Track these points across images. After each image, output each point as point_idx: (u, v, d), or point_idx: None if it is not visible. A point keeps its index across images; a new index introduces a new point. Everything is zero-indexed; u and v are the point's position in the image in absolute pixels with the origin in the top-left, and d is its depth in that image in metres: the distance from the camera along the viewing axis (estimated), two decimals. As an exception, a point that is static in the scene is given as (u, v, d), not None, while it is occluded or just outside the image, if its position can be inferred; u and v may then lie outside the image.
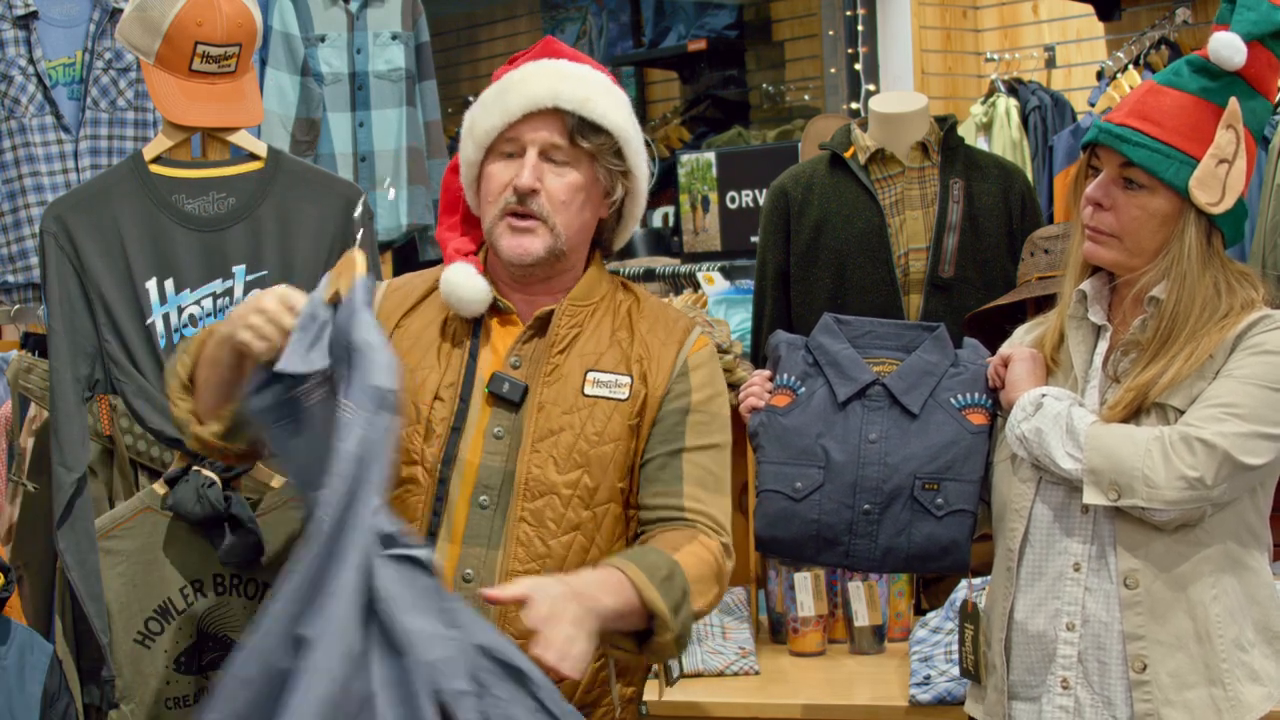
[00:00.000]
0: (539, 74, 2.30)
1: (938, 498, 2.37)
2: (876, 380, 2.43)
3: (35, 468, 3.00)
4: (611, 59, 7.92)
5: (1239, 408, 2.19)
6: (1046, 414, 2.27)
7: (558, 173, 2.28)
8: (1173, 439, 2.18)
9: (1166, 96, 2.27)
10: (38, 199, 3.59)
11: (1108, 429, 2.24)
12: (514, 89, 2.29)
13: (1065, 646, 2.29)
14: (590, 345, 2.31)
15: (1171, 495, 2.18)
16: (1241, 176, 2.27)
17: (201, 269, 2.71)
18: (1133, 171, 2.26)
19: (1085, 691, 2.29)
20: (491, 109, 2.29)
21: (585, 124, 2.27)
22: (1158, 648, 2.24)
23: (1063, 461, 2.24)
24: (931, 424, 2.40)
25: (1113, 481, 2.20)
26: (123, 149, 3.66)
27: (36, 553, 2.96)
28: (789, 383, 2.47)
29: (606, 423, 2.25)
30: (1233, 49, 2.24)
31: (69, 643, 2.75)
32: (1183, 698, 2.23)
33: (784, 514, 2.40)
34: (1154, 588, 2.25)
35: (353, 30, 4.26)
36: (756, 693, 3.02)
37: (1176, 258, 2.26)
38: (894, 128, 3.50)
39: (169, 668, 2.70)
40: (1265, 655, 2.28)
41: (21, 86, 3.62)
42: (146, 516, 2.70)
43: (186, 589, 2.71)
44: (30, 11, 3.63)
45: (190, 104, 2.74)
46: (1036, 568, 2.33)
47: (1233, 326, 2.25)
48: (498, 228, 2.28)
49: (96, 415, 3.11)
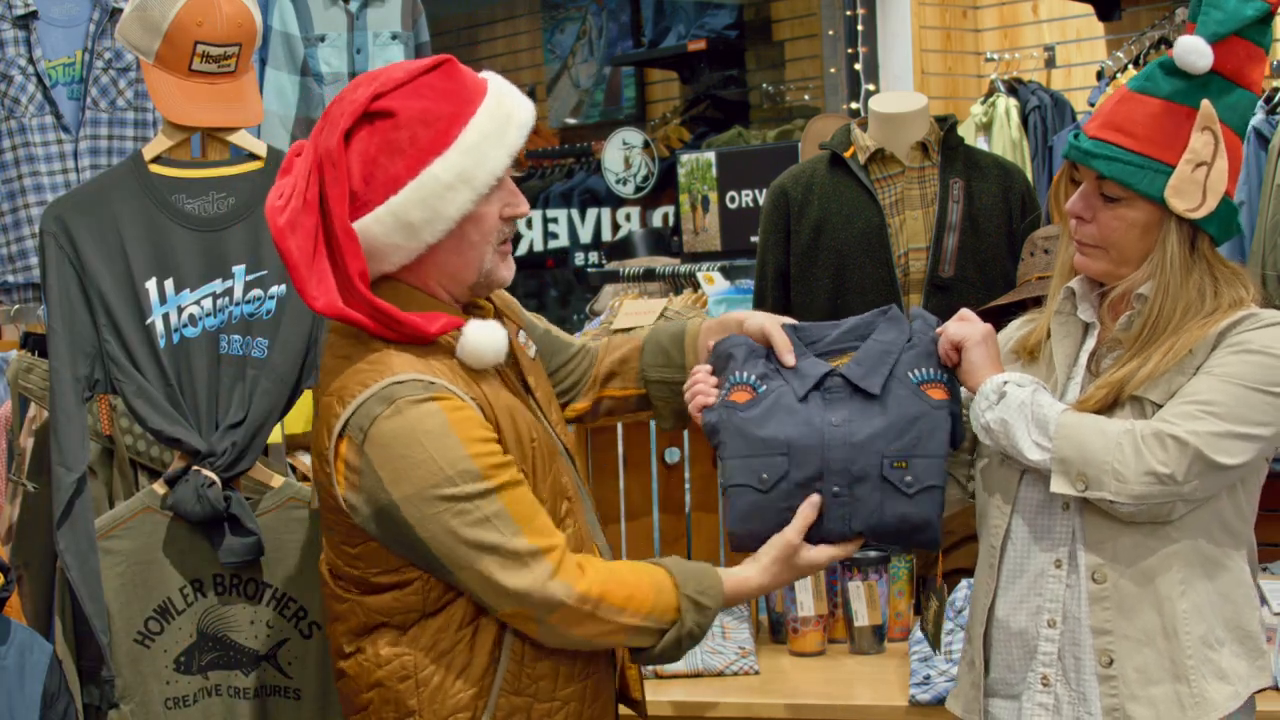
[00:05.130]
0: (512, 97, 2.26)
1: (907, 475, 2.30)
2: (832, 371, 2.37)
3: (35, 468, 3.00)
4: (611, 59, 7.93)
5: (1216, 406, 2.18)
6: (1010, 403, 2.25)
7: None
8: (1145, 433, 2.17)
9: (1139, 104, 2.25)
10: (38, 199, 3.60)
11: (1079, 419, 2.22)
12: (513, 122, 2.23)
13: (1046, 644, 2.30)
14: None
15: (1139, 490, 2.17)
16: (1223, 176, 2.25)
17: (201, 269, 2.71)
18: (1107, 185, 2.25)
19: (1064, 688, 2.29)
20: (496, 150, 2.20)
21: None
22: (1125, 642, 2.24)
23: (1029, 452, 2.23)
24: (892, 400, 2.33)
25: (1081, 472, 2.19)
26: (123, 149, 3.66)
27: (36, 553, 2.96)
28: (747, 380, 2.40)
29: (545, 375, 2.46)
30: (1196, 54, 2.22)
31: (69, 643, 2.75)
32: (1148, 693, 2.23)
33: (754, 507, 2.34)
34: (1121, 583, 2.25)
35: (353, 30, 4.26)
36: (756, 693, 3.02)
37: (1160, 264, 2.25)
38: (894, 128, 3.50)
39: (169, 668, 2.70)
40: (1235, 654, 2.27)
41: (21, 86, 3.62)
42: (146, 516, 2.70)
43: (186, 589, 2.71)
44: (30, 11, 3.63)
45: (190, 104, 2.74)
46: (1018, 565, 2.33)
47: (1216, 323, 2.24)
48: (492, 260, 2.26)
49: (96, 415, 3.11)
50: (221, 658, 2.72)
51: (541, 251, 7.13)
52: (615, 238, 6.88)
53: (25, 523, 3.03)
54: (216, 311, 2.71)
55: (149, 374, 2.66)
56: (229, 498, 2.66)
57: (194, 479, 2.65)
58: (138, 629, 2.69)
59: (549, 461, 2.29)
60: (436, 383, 2.16)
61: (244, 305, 2.72)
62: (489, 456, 2.15)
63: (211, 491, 2.64)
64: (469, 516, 2.13)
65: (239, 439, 2.66)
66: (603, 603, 2.19)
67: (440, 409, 2.14)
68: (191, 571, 2.71)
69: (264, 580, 2.74)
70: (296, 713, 2.75)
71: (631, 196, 6.71)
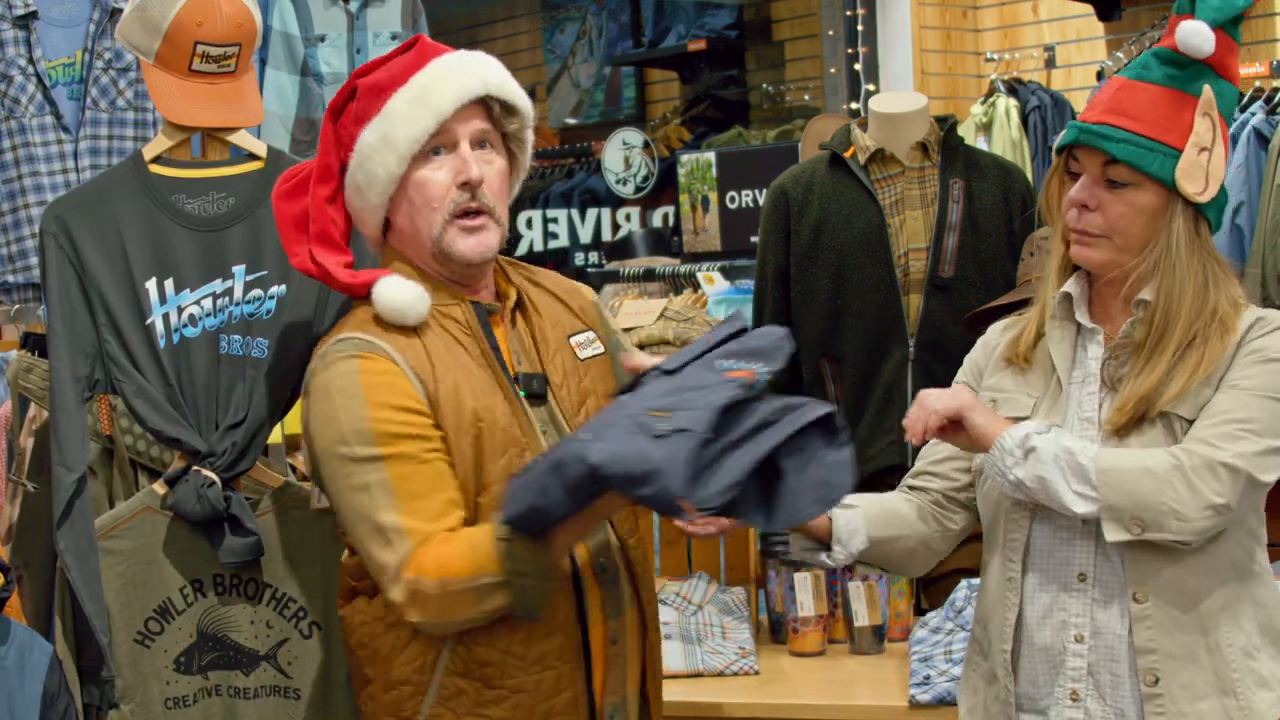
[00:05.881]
0: (460, 65, 2.28)
1: (661, 423, 1.98)
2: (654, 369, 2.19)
3: (35, 468, 3.00)
4: (611, 59, 7.93)
5: (1253, 423, 2.15)
6: (1043, 457, 2.17)
7: (488, 160, 2.30)
8: (1194, 465, 2.12)
9: (1139, 91, 2.24)
10: (38, 199, 3.59)
11: (1117, 459, 2.16)
12: (439, 85, 2.25)
13: (1074, 659, 2.25)
14: (549, 314, 2.39)
15: (1201, 525, 2.13)
16: (1221, 163, 2.24)
17: (201, 269, 2.71)
18: (1116, 170, 2.23)
19: (1096, 703, 2.25)
20: (416, 113, 2.24)
21: (505, 107, 2.31)
22: (1169, 661, 2.20)
23: (1074, 505, 2.16)
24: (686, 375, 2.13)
25: (1135, 517, 2.13)
26: (123, 149, 3.66)
27: (36, 553, 2.96)
28: None
29: (603, 379, 2.40)
30: (1201, 37, 2.21)
31: (69, 643, 2.75)
32: (1195, 709, 2.20)
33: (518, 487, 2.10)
34: (1162, 602, 2.20)
35: (352, 30, 4.27)
36: (756, 693, 3.02)
37: (1165, 250, 2.22)
38: (894, 128, 3.50)
39: (169, 668, 2.70)
40: (1272, 657, 2.25)
41: (21, 86, 3.62)
42: (146, 516, 2.70)
43: (186, 589, 2.71)
44: (30, 11, 3.63)
45: (190, 104, 2.73)
46: (1041, 580, 2.28)
47: (1232, 333, 2.22)
48: (448, 233, 2.26)
49: (96, 415, 3.11)
50: (221, 658, 2.72)
51: (541, 252, 7.13)
52: (615, 238, 6.88)
53: (25, 523, 3.03)
54: (216, 311, 2.71)
55: (149, 374, 2.66)
56: (229, 498, 2.65)
57: (194, 479, 2.65)
58: (138, 629, 2.69)
59: (505, 447, 2.24)
60: (375, 343, 2.20)
61: (244, 305, 2.71)
62: (390, 424, 2.15)
63: (211, 491, 2.63)
64: (352, 480, 2.15)
65: (239, 439, 2.66)
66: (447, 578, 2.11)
67: (358, 368, 2.17)
68: (191, 571, 2.71)
69: (264, 580, 2.74)
70: (296, 713, 2.75)
71: (631, 196, 6.71)
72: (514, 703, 2.24)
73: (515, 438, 2.25)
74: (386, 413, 2.15)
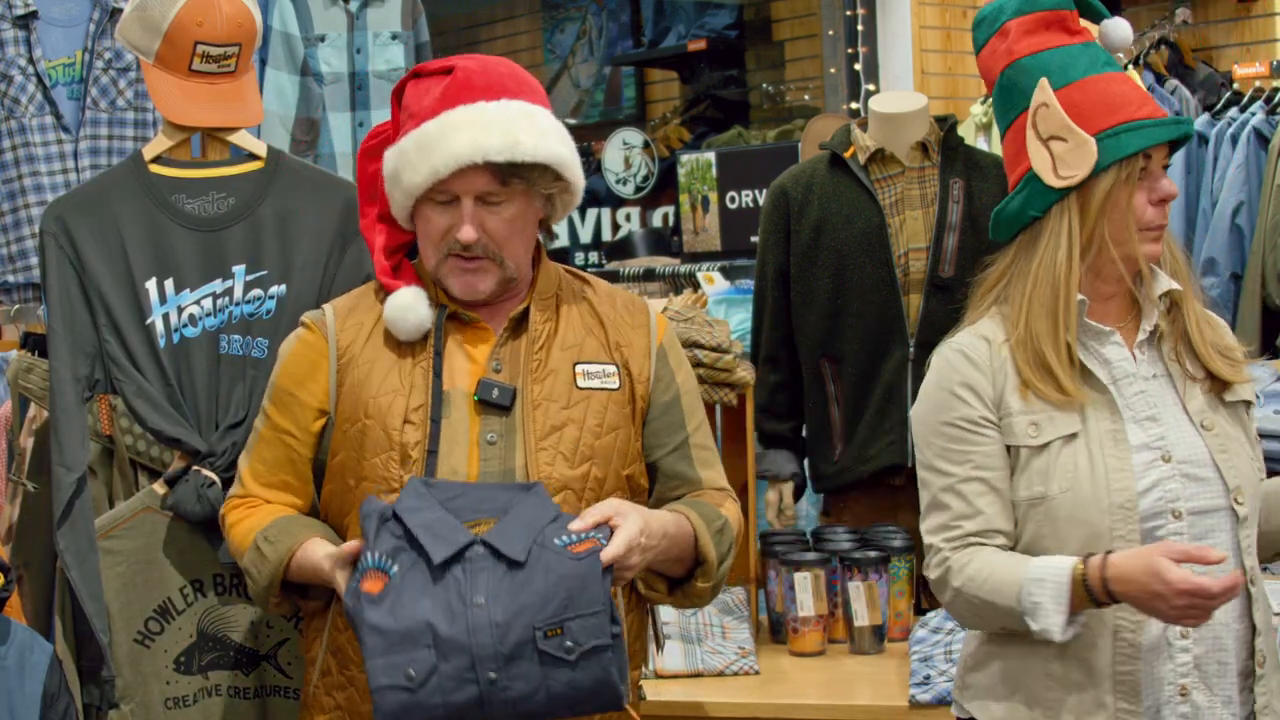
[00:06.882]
0: (459, 127, 2.22)
1: (565, 641, 2.07)
2: (474, 540, 2.13)
3: (35, 468, 3.00)
4: (611, 59, 7.93)
5: None
6: None
7: (495, 212, 2.26)
8: None
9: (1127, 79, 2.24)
10: (38, 199, 3.60)
11: None
12: (436, 147, 2.22)
13: (1181, 654, 2.20)
14: (569, 338, 2.34)
15: None
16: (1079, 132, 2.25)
17: (201, 269, 2.71)
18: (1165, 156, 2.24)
19: (1203, 695, 2.20)
20: (417, 165, 2.23)
21: (516, 166, 2.23)
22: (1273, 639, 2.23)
23: None
24: (538, 569, 2.10)
25: None
26: (123, 149, 3.66)
27: (36, 553, 2.96)
28: (379, 563, 2.13)
29: (604, 414, 2.31)
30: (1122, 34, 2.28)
31: (69, 643, 2.75)
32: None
33: (406, 708, 2.07)
34: (1263, 581, 2.24)
35: (353, 30, 4.27)
36: (756, 693, 3.02)
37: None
38: (894, 128, 3.50)
39: (169, 667, 2.70)
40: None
41: (21, 86, 3.63)
42: (146, 516, 2.70)
43: (186, 589, 2.71)
44: (30, 11, 3.63)
45: (190, 104, 2.73)
46: None
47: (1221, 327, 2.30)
48: (444, 267, 2.29)
49: (96, 415, 3.10)
50: (221, 658, 2.72)
51: (541, 251, 7.13)
52: (615, 238, 6.88)
53: (25, 523, 3.03)
54: (216, 311, 2.71)
55: (149, 374, 2.67)
56: (229, 498, 2.66)
57: (194, 479, 2.65)
58: (138, 629, 2.69)
59: (385, 447, 2.27)
60: (324, 314, 2.40)
61: (244, 305, 2.72)
62: (281, 395, 2.39)
63: (211, 491, 2.64)
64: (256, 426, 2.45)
65: (239, 439, 2.66)
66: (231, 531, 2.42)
67: (297, 335, 2.42)
68: (191, 571, 2.71)
69: (264, 580, 2.74)
70: (296, 713, 2.75)
71: (631, 196, 6.71)
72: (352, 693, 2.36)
73: (399, 441, 2.26)
74: (284, 379, 2.39)
